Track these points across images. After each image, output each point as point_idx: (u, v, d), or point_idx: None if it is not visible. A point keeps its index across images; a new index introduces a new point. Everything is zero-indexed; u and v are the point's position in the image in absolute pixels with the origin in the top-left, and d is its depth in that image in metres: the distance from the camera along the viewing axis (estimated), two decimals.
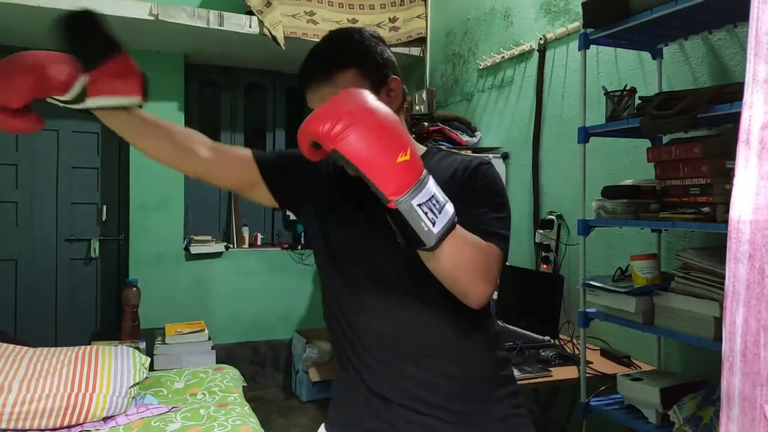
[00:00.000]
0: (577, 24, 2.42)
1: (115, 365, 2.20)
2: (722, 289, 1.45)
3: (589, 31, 1.83)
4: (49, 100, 0.97)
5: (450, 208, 0.85)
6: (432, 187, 0.83)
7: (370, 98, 0.83)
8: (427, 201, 0.81)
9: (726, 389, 0.36)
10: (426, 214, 0.81)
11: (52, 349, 2.36)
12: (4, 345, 2.29)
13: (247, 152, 1.14)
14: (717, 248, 1.66)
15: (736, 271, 0.37)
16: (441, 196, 0.84)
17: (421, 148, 1.12)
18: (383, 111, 0.82)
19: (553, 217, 2.56)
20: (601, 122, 1.86)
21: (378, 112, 0.81)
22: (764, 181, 0.37)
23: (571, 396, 2.23)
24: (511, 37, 2.93)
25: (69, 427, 1.99)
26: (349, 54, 1.03)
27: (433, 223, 0.81)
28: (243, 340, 3.93)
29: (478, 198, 1.03)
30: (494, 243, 0.97)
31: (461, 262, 0.89)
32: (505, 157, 2.95)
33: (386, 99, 1.04)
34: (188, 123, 3.84)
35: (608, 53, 2.29)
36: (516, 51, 2.86)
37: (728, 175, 1.48)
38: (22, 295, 3.59)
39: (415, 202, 0.80)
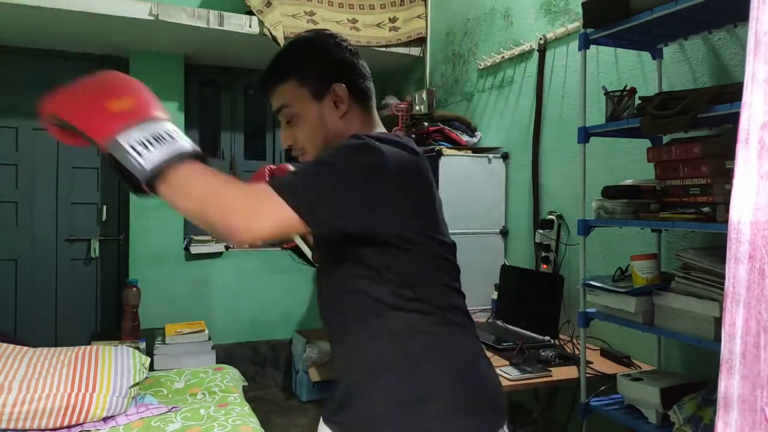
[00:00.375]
0: (577, 24, 2.42)
1: (115, 365, 2.19)
2: (722, 290, 1.45)
3: (589, 31, 1.83)
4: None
5: (180, 145, 0.83)
6: (160, 128, 0.82)
7: (98, 74, 0.87)
8: (142, 140, 0.80)
9: (724, 393, 0.36)
10: (136, 150, 0.79)
11: (52, 349, 2.35)
12: (4, 345, 2.29)
13: None
14: (717, 248, 1.66)
15: (736, 271, 0.37)
16: (172, 135, 0.83)
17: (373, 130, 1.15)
18: (102, 75, 0.86)
19: (553, 217, 2.56)
20: (601, 122, 1.86)
21: (93, 77, 0.85)
22: (764, 181, 0.37)
23: (571, 396, 2.23)
24: (511, 37, 2.93)
25: (69, 427, 1.99)
26: (288, 65, 1.09)
27: (142, 157, 0.79)
28: (243, 340, 3.93)
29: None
30: (275, 188, 0.87)
31: (194, 194, 0.83)
32: (505, 157, 2.95)
33: (331, 105, 1.07)
34: (188, 123, 3.84)
35: (608, 53, 2.29)
36: (516, 51, 2.86)
37: (728, 175, 1.48)
38: (22, 295, 3.59)
39: (123, 141, 0.79)
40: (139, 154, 0.78)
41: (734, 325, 0.35)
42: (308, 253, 1.23)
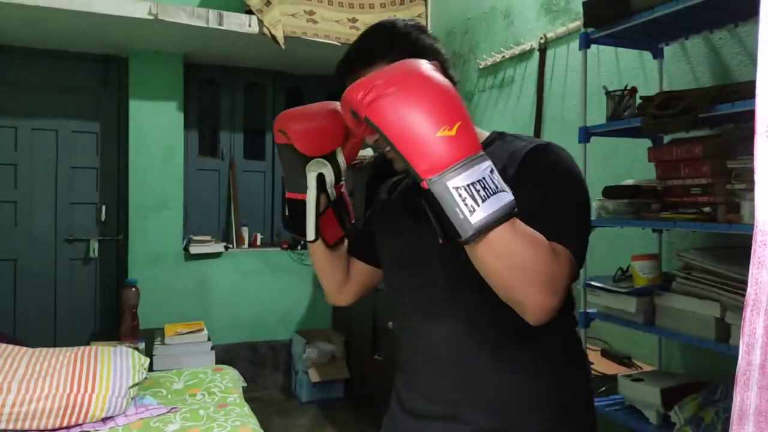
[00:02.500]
0: (578, 23, 2.41)
1: (115, 366, 2.19)
2: (724, 290, 1.45)
3: (589, 30, 1.83)
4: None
5: (506, 197, 0.70)
6: (483, 170, 0.69)
7: (420, 65, 0.73)
8: (470, 184, 0.68)
9: (739, 406, 0.34)
10: (465, 199, 0.67)
11: (51, 349, 2.35)
12: (4, 345, 2.29)
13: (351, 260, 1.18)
14: (718, 248, 1.65)
15: (759, 277, 0.35)
16: (496, 182, 0.70)
17: (483, 134, 1.02)
18: (432, 79, 0.71)
19: None
20: (601, 122, 1.86)
21: (423, 78, 0.71)
22: None
23: None
24: (511, 36, 2.93)
25: (68, 427, 1.99)
26: (379, 48, 0.99)
27: (472, 211, 0.67)
28: (243, 341, 3.93)
29: (539, 180, 0.87)
30: (562, 242, 0.81)
31: (512, 262, 0.72)
32: None
33: None
34: (187, 122, 3.84)
35: (609, 53, 2.28)
36: (516, 50, 2.85)
37: (729, 175, 1.48)
38: (22, 295, 3.59)
39: (451, 184, 0.67)
40: (467, 206, 0.67)
41: (754, 334, 0.33)
42: (311, 214, 1.02)
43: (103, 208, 3.76)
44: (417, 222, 0.96)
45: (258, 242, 4.08)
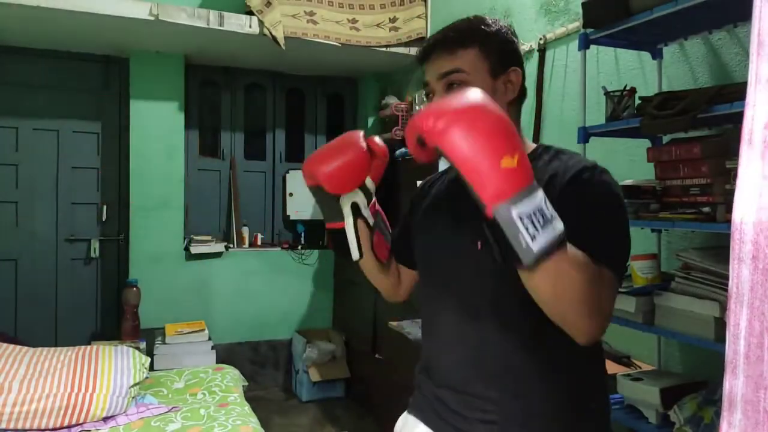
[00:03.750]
0: (577, 24, 2.42)
1: (115, 365, 2.20)
2: (723, 290, 1.45)
3: (589, 31, 1.83)
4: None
5: (559, 225, 0.75)
6: (540, 199, 0.74)
7: (482, 97, 0.77)
8: (530, 214, 0.73)
9: (728, 393, 0.36)
10: (527, 228, 0.72)
11: (52, 349, 2.36)
12: (4, 345, 2.29)
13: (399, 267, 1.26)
14: (718, 248, 1.66)
15: (740, 272, 0.37)
16: (549, 210, 0.75)
17: (530, 146, 1.08)
18: (495, 111, 0.76)
19: None
20: (601, 122, 1.86)
21: (488, 111, 0.76)
22: (767, 181, 0.37)
23: None
24: None
25: (69, 427, 1.99)
26: (476, 34, 1.06)
27: (533, 238, 0.72)
28: (243, 340, 3.93)
29: (588, 208, 0.91)
30: (607, 267, 0.86)
31: (565, 288, 0.78)
32: None
33: (502, 88, 1.05)
34: (188, 123, 3.84)
35: (608, 53, 2.29)
36: None
37: (728, 175, 1.48)
38: (22, 295, 3.59)
39: (515, 212, 0.72)
40: (529, 234, 0.72)
41: (738, 325, 0.35)
42: (352, 239, 1.09)
43: (104, 208, 3.76)
44: (456, 223, 1.05)
45: (258, 242, 4.08)
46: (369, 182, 1.10)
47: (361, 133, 1.09)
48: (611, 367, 2.05)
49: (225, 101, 4.11)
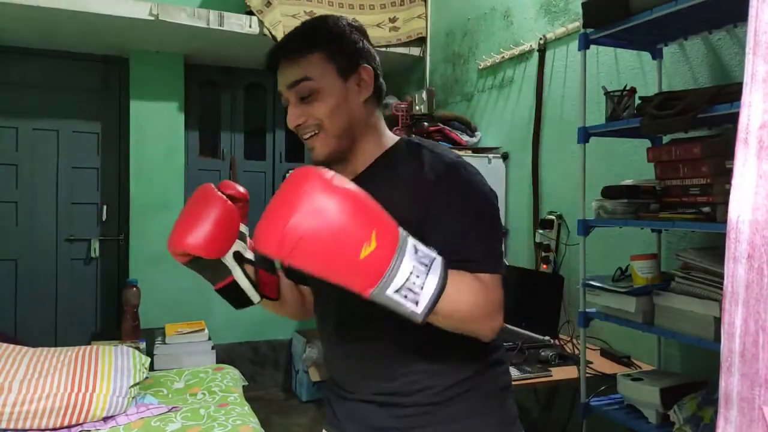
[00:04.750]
0: (577, 24, 2.42)
1: (115, 365, 2.20)
2: (722, 289, 1.45)
3: (589, 31, 1.83)
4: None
5: (437, 262, 0.79)
6: (409, 260, 0.75)
7: (321, 176, 0.75)
8: (404, 283, 0.75)
9: (724, 391, 0.36)
10: (406, 296, 0.75)
11: (52, 349, 2.36)
12: (4, 345, 2.29)
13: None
14: (717, 248, 1.66)
15: (735, 271, 0.37)
16: (424, 254, 0.78)
17: (389, 140, 1.08)
18: (339, 193, 0.74)
19: (553, 217, 2.56)
20: (601, 122, 1.86)
21: (329, 205, 0.73)
22: (762, 180, 0.37)
23: (571, 396, 2.23)
24: (511, 37, 2.93)
25: (69, 427, 1.99)
26: (318, 38, 1.01)
27: (416, 303, 0.76)
28: (243, 340, 3.93)
29: (455, 212, 0.93)
30: (488, 270, 0.90)
31: (460, 314, 0.84)
32: (505, 157, 2.95)
33: (355, 88, 1.02)
34: (188, 123, 3.84)
35: (608, 53, 2.29)
36: (516, 51, 2.86)
37: (728, 175, 1.47)
38: (23, 295, 3.59)
39: (390, 291, 0.74)
40: (409, 301, 0.76)
41: (733, 324, 0.35)
42: (247, 288, 1.06)
43: (104, 208, 3.76)
44: None
45: None
46: (242, 227, 1.06)
47: (212, 185, 1.04)
48: (611, 366, 2.05)
49: (225, 101, 4.11)
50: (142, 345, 3.01)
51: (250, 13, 3.26)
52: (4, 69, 3.54)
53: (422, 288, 0.76)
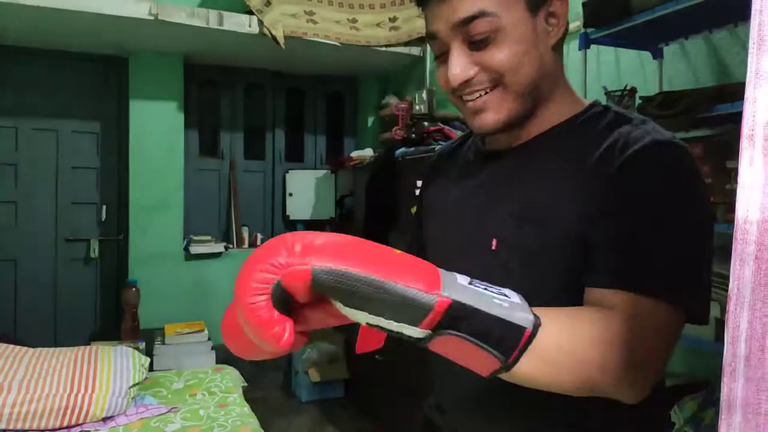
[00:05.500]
0: (578, 23, 2.41)
1: (115, 366, 2.19)
2: (723, 290, 1.45)
3: (589, 30, 1.83)
4: None
5: (517, 309, 0.54)
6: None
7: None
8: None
9: (727, 396, 0.35)
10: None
11: (52, 349, 2.35)
12: (4, 345, 2.29)
13: None
14: (718, 248, 1.65)
15: (741, 273, 0.36)
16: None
17: (579, 101, 0.80)
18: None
19: None
20: None
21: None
22: None
23: None
24: None
25: (68, 427, 1.99)
26: None
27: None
28: None
29: (629, 205, 0.65)
30: (661, 297, 0.62)
31: (562, 370, 0.57)
32: None
33: (544, 28, 0.74)
34: (187, 123, 3.84)
35: (609, 53, 2.28)
36: None
37: (729, 175, 1.48)
38: (22, 295, 3.59)
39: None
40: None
41: (738, 327, 0.35)
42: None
43: (104, 208, 3.76)
44: (476, 217, 0.79)
45: (258, 242, 4.07)
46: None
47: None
48: None
49: (224, 101, 4.11)
50: (142, 345, 3.01)
51: (250, 12, 3.25)
52: (3, 69, 3.53)
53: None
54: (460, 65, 0.73)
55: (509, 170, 0.78)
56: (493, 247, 0.74)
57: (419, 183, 1.08)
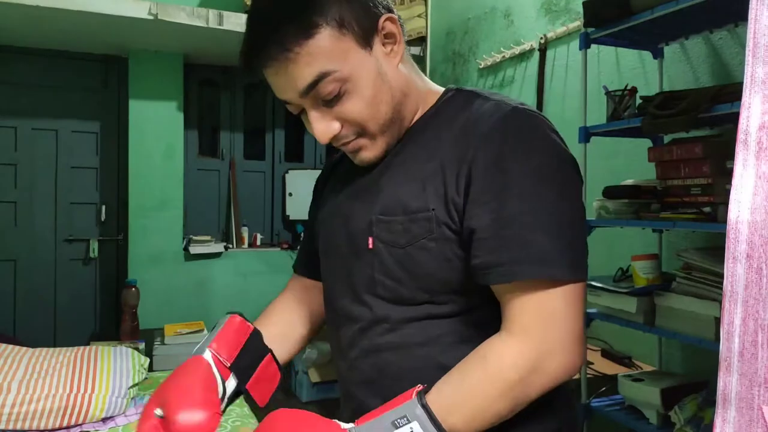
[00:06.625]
0: (578, 23, 2.41)
1: (114, 366, 2.19)
2: (721, 289, 1.44)
3: (589, 30, 1.83)
4: None
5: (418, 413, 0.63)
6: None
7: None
8: None
9: (722, 390, 0.36)
10: None
11: (51, 349, 2.34)
12: (3, 345, 2.29)
13: (299, 281, 1.02)
14: (719, 248, 1.65)
15: (734, 270, 0.37)
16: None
17: (434, 91, 0.82)
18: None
19: None
20: (601, 122, 1.85)
21: None
22: (761, 181, 0.37)
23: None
24: (511, 36, 2.92)
25: (68, 427, 1.98)
26: (313, 4, 0.69)
27: None
28: None
29: (510, 185, 0.65)
30: (559, 276, 0.64)
31: (489, 414, 0.66)
32: None
33: (383, 52, 0.74)
34: (187, 123, 3.84)
35: (609, 53, 2.28)
36: (516, 50, 2.85)
37: (729, 175, 1.47)
38: (21, 295, 3.59)
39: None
40: None
41: (732, 323, 0.35)
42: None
43: (103, 208, 3.76)
44: (354, 219, 0.81)
45: (258, 242, 4.08)
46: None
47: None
48: (612, 367, 2.04)
49: (224, 101, 4.11)
50: (141, 345, 3.00)
51: None
52: (2, 68, 3.54)
53: None
54: (322, 125, 0.74)
55: (381, 171, 0.81)
56: (370, 246, 0.77)
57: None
